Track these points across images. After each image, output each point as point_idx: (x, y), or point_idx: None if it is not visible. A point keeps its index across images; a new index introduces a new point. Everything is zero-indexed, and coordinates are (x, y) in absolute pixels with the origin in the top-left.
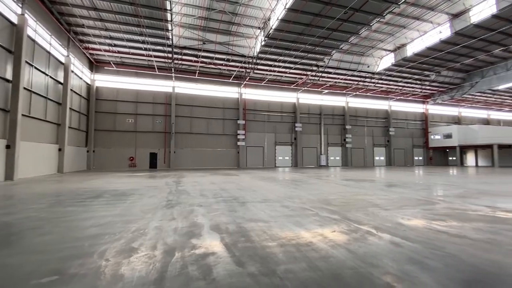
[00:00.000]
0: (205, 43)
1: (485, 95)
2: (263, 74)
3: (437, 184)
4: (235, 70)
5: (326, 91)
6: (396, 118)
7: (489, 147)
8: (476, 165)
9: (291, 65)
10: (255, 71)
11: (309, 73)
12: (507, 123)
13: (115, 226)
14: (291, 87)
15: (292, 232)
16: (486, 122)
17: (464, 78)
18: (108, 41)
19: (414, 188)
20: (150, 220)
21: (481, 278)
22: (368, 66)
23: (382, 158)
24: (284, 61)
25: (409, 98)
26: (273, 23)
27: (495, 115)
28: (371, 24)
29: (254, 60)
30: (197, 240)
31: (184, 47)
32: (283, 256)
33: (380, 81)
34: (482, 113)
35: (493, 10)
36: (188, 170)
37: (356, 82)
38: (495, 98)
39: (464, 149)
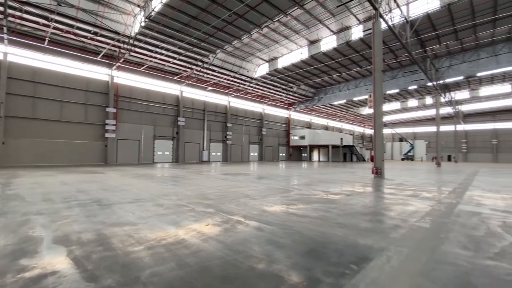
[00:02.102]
0: (61, 4)
1: (326, 107)
2: (143, 58)
3: (293, 175)
4: (105, 48)
5: (211, 88)
6: (268, 120)
7: (327, 147)
8: (319, 160)
9: (175, 55)
10: (132, 54)
11: (194, 67)
12: (337, 130)
13: None
14: (175, 78)
15: (164, 231)
16: (326, 128)
17: (314, 93)
18: None
19: (277, 179)
20: None
21: (315, 247)
22: (248, 71)
23: (256, 154)
24: (168, 50)
25: (278, 104)
26: (156, 5)
27: (331, 123)
28: (251, 33)
29: (131, 41)
30: (29, 259)
31: (27, 2)
32: (150, 259)
33: (257, 86)
34: (324, 121)
35: (334, 44)
36: (28, 167)
37: (237, 84)
38: (332, 110)
39: (312, 148)
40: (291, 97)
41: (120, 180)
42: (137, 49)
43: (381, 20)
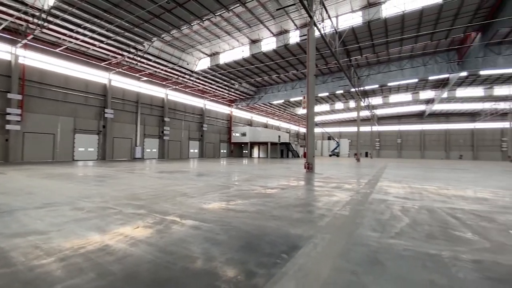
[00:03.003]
0: None
1: (266, 106)
2: (60, 38)
3: (234, 172)
4: (6, 20)
5: (145, 78)
6: (209, 116)
7: (266, 144)
8: (259, 157)
9: (103, 39)
10: (46, 31)
11: (125, 53)
12: (275, 128)
13: None
14: (102, 64)
15: (83, 238)
16: (266, 126)
17: (255, 92)
18: None
19: (218, 176)
20: None
21: (250, 241)
22: (188, 64)
23: (196, 150)
24: (93, 31)
25: (220, 100)
26: None
27: (271, 121)
28: (192, 24)
29: (44, 16)
30: None
31: None
32: (63, 272)
33: (198, 80)
34: (264, 119)
35: (274, 46)
36: None
37: (176, 77)
38: (271, 109)
39: (252, 144)
40: (233, 94)
41: (27, 182)
42: (52, 26)
43: (315, 28)
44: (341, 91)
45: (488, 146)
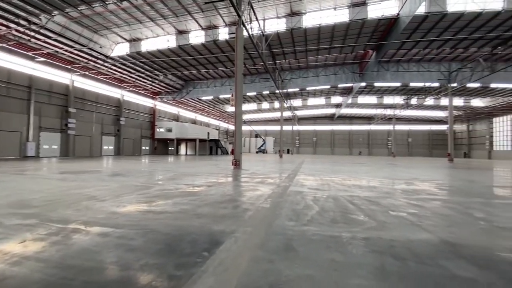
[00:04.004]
0: None
1: (195, 102)
2: None
3: (157, 170)
4: None
5: (42, 59)
6: (128, 108)
7: (194, 140)
8: (186, 154)
9: None
10: None
11: (13, 25)
12: (204, 124)
13: None
14: None
15: None
16: (194, 122)
17: (183, 85)
18: None
19: (137, 175)
20: None
21: (170, 242)
22: (101, 47)
23: (111, 147)
24: None
25: (141, 92)
26: None
27: (199, 117)
28: (106, 2)
29: None
30: None
31: None
32: None
33: (114, 67)
34: (192, 115)
35: (203, 40)
36: None
37: (86, 61)
38: (200, 105)
39: (179, 141)
40: (157, 86)
41: None
42: None
43: (243, 27)
44: (267, 92)
45: (379, 144)
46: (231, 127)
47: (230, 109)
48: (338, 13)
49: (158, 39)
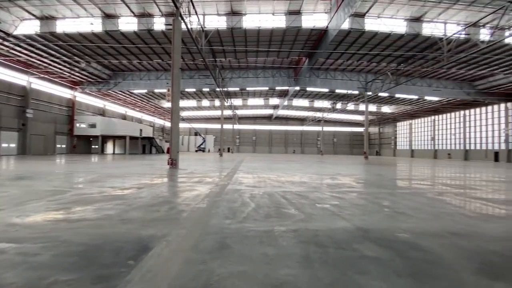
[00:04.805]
0: None
1: (124, 95)
2: None
3: (75, 172)
4: None
5: None
6: (37, 98)
7: (124, 137)
8: (114, 153)
9: None
10: None
11: None
12: (137, 120)
13: None
14: None
15: None
16: (124, 117)
17: (110, 76)
18: None
19: (48, 178)
20: None
21: (87, 254)
22: (1, 23)
23: (14, 145)
24: None
25: (56, 80)
26: None
27: (130, 112)
28: None
29: None
30: None
31: None
32: None
33: (19, 48)
34: (122, 109)
35: (135, 28)
36: None
37: None
38: (131, 99)
39: (105, 138)
40: (77, 74)
41: None
42: None
43: (181, 20)
44: (208, 89)
45: (310, 144)
46: (168, 124)
47: (167, 104)
48: (276, 18)
49: (79, 20)
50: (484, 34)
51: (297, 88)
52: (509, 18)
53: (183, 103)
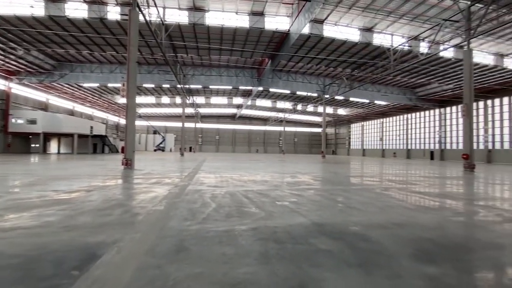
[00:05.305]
0: None
1: (72, 88)
2: None
3: (10, 174)
4: None
5: None
6: None
7: (71, 135)
8: (59, 152)
9: None
10: None
11: None
12: (87, 117)
13: None
14: None
15: None
16: (72, 113)
17: (55, 66)
18: None
19: None
20: None
21: (21, 267)
22: None
23: None
24: None
25: None
26: None
27: (79, 108)
28: None
29: None
30: None
31: None
32: None
33: None
34: (68, 104)
35: (85, 14)
36: None
37: None
38: (80, 93)
39: (49, 136)
40: (13, 63)
41: None
42: None
43: (139, 11)
44: (168, 86)
45: (272, 143)
46: (123, 121)
47: (122, 100)
48: (240, 18)
49: (18, 2)
50: (423, 47)
51: (261, 88)
52: (443, 34)
53: (140, 99)
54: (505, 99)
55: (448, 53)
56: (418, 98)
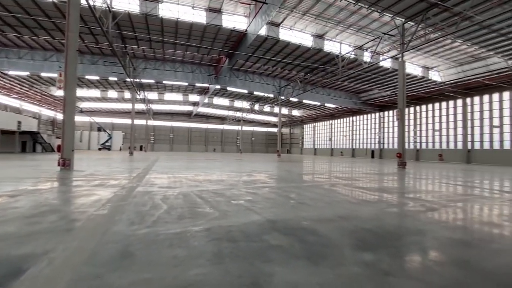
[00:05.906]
0: None
1: None
2: None
3: None
4: None
5: None
6: None
7: None
8: None
9: None
10: None
11: None
12: (13, 110)
13: None
14: None
15: None
16: None
17: None
18: None
19: None
20: None
21: None
22: None
23: None
24: None
25: None
26: None
27: (3, 99)
28: None
29: None
30: None
31: None
32: None
33: None
34: None
35: None
36: None
37: None
38: (4, 82)
39: None
40: None
41: None
42: None
43: None
44: (115, 79)
45: (230, 142)
46: (61, 116)
47: (59, 92)
48: (196, 13)
49: None
50: (367, 56)
51: (218, 86)
52: (383, 46)
53: (82, 92)
54: (430, 106)
55: (386, 63)
56: (362, 102)
